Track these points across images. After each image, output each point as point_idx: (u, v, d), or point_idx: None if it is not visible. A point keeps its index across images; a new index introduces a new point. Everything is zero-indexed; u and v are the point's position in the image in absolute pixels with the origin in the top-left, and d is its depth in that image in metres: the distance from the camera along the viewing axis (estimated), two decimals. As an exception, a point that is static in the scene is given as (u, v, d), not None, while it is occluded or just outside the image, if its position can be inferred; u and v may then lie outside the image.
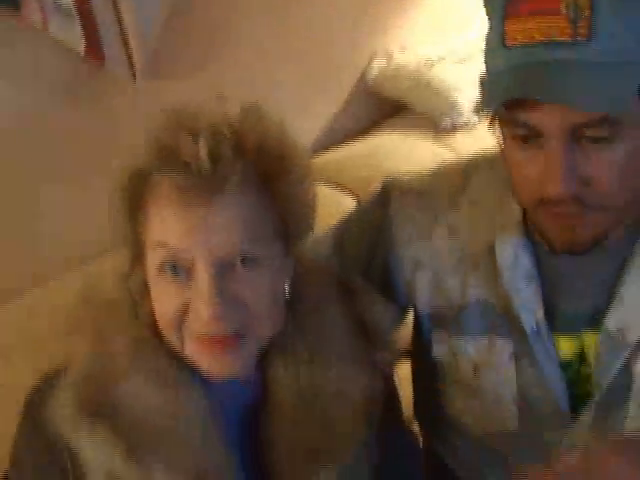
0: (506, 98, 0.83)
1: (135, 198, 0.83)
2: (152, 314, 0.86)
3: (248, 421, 0.91)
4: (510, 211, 0.99)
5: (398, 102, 2.12)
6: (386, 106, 2.14)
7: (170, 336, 0.85)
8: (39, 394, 0.91)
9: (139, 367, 0.85)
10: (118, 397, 0.84)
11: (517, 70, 0.83)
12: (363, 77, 2.11)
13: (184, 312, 0.81)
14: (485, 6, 0.88)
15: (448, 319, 1.03)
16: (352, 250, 1.09)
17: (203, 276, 0.78)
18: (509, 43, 0.84)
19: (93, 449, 0.84)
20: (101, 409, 0.84)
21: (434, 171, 1.08)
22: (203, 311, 0.79)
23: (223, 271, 0.80)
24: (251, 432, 0.91)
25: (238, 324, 0.82)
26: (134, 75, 1.54)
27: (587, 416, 1.01)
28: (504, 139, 0.90)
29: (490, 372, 1.02)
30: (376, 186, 1.10)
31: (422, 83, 2.06)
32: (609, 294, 0.96)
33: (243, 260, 0.80)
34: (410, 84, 2.07)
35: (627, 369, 0.99)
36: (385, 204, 1.06)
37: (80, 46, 1.46)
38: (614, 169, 0.84)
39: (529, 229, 0.99)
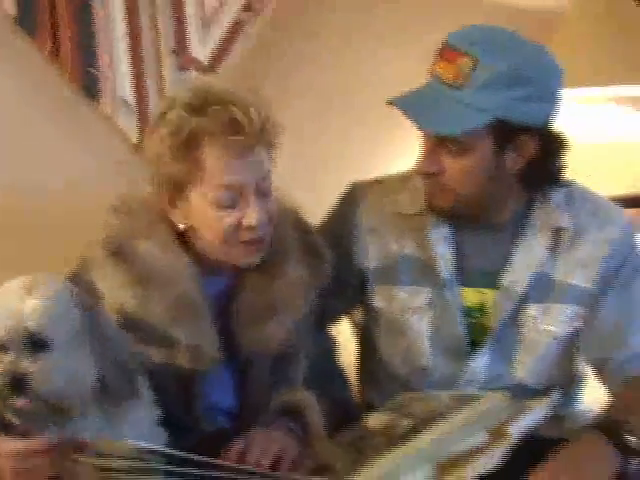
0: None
1: (190, 150, 1.23)
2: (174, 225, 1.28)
3: (224, 302, 1.32)
4: None
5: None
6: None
7: (221, 244, 1.26)
8: (78, 267, 1.29)
9: (156, 236, 1.27)
10: (136, 249, 1.26)
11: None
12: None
13: (237, 227, 1.24)
14: None
15: (388, 273, 1.40)
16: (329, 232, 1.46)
17: (253, 199, 1.25)
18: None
19: (112, 285, 1.23)
20: (122, 254, 1.25)
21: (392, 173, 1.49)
22: (253, 220, 1.23)
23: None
24: (225, 307, 1.31)
25: (267, 230, 1.27)
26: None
27: (483, 356, 1.34)
28: None
29: (414, 314, 1.37)
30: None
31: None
32: (503, 260, 1.34)
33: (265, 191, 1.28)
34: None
35: (515, 319, 1.34)
36: (352, 193, 1.46)
37: (133, 137, 1.93)
38: (460, 170, 1.28)
39: None
